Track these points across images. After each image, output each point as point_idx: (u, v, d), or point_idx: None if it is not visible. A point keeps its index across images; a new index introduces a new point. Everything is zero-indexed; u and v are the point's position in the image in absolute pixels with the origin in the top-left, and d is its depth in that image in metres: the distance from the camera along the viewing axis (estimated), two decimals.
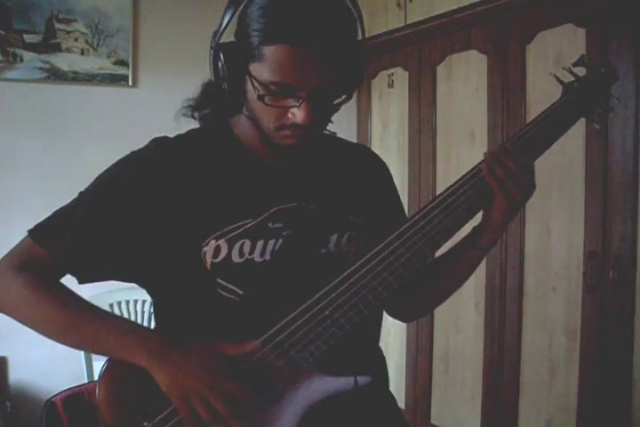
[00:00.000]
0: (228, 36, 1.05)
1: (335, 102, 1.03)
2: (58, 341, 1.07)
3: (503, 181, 1.06)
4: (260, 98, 0.98)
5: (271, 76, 0.96)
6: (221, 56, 1.02)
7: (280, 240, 1.08)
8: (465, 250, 1.15)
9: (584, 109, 1.15)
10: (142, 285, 1.15)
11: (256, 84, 0.98)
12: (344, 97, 1.03)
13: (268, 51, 0.96)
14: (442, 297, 1.26)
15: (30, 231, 1.10)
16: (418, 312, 1.38)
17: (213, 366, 0.98)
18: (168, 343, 1.01)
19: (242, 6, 0.99)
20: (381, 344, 1.24)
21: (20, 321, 1.08)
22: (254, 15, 0.97)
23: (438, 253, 1.17)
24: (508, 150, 1.08)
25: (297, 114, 0.98)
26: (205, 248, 1.05)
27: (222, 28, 1.03)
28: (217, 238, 1.05)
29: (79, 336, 1.06)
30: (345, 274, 1.04)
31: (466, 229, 1.15)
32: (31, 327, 1.08)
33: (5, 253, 1.12)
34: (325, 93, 0.99)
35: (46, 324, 1.07)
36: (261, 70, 0.97)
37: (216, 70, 1.04)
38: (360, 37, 1.03)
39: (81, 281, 1.10)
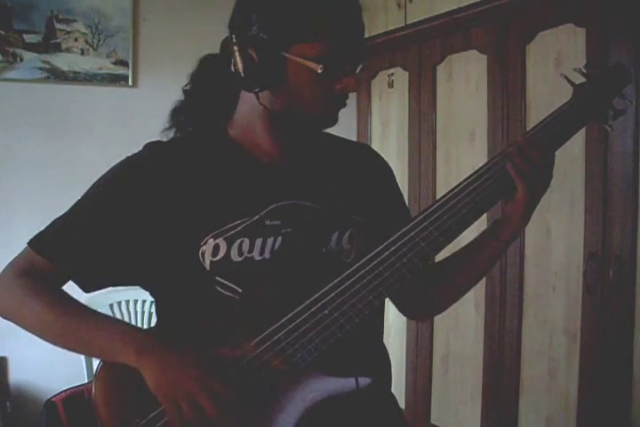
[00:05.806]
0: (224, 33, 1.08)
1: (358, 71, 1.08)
2: (55, 344, 1.09)
3: (524, 173, 1.06)
4: (320, 73, 1.02)
5: (329, 50, 1.02)
6: (256, 46, 1.03)
7: (279, 238, 1.08)
8: (487, 241, 1.15)
9: (595, 112, 1.13)
10: (144, 287, 1.15)
11: (308, 61, 1.02)
12: (361, 66, 1.08)
13: (323, 29, 1.02)
14: (460, 292, 1.24)
15: (30, 242, 1.10)
16: (434, 309, 1.33)
17: (201, 365, 0.99)
18: (157, 343, 1.02)
19: None
20: None
21: (20, 326, 1.10)
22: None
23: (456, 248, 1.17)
24: (527, 142, 1.07)
25: (349, 83, 1.04)
26: (204, 247, 1.05)
27: (251, 20, 1.05)
28: (215, 237, 1.05)
29: (73, 340, 1.07)
30: (345, 273, 1.04)
31: (470, 234, 1.15)
32: (30, 331, 1.09)
33: (5, 252, 1.12)
34: (361, 62, 1.07)
35: (43, 328, 1.08)
36: (313, 48, 1.02)
37: (247, 63, 1.04)
38: None
39: (86, 290, 1.11)
